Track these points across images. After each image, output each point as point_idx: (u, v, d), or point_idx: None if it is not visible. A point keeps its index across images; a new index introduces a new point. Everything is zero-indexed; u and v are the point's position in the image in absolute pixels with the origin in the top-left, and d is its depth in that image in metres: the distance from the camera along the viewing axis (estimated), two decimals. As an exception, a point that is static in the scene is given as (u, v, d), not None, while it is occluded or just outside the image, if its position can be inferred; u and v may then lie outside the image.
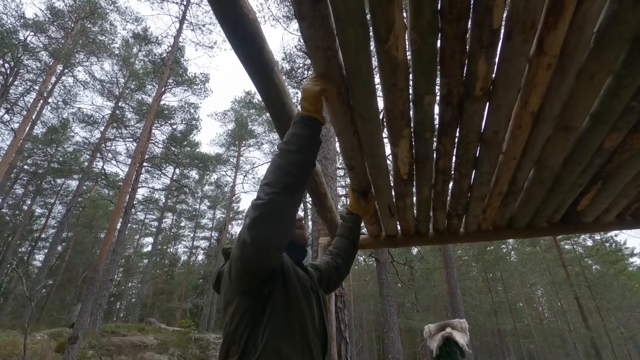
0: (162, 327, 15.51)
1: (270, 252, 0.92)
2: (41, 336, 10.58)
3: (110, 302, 22.83)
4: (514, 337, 22.01)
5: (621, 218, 2.03)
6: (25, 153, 18.31)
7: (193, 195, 25.09)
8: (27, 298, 7.46)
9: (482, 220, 1.92)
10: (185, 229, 29.47)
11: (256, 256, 0.90)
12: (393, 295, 9.34)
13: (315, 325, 1.04)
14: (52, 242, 17.61)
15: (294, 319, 0.96)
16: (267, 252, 0.91)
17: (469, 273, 24.43)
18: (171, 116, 17.47)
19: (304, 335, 0.96)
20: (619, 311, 19.26)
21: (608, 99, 1.06)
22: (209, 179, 26.39)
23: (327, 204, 1.73)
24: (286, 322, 0.94)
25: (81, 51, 16.00)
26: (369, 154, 1.33)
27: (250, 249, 0.88)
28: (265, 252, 0.91)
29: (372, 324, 27.04)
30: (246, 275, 0.93)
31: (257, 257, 0.91)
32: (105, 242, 10.02)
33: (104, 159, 16.46)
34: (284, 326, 0.93)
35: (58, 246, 18.65)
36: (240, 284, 0.95)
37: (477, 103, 1.05)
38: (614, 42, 0.86)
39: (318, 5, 0.76)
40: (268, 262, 0.95)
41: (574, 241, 22.14)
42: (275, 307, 0.95)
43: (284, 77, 10.29)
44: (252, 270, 0.93)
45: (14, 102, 14.75)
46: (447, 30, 0.82)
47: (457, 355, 2.13)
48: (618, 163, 1.41)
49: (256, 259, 0.91)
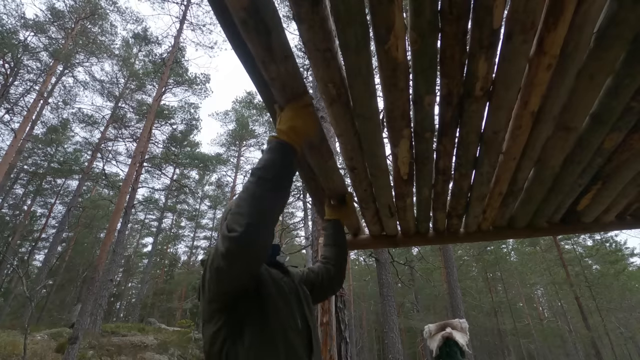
0: (162, 327, 15.52)
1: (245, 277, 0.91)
2: (41, 336, 10.59)
3: (110, 302, 22.82)
4: (514, 337, 22.00)
5: (621, 218, 2.03)
6: (25, 153, 18.32)
7: (193, 195, 25.11)
8: (27, 298, 7.47)
9: (482, 220, 1.92)
10: (186, 229, 29.53)
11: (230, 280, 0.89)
12: (393, 295, 9.34)
13: (297, 324, 1.01)
14: (52, 242, 17.62)
15: (274, 325, 0.94)
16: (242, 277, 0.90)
17: (469, 273, 24.44)
18: (171, 116, 17.48)
19: (286, 338, 0.94)
20: (619, 311, 19.27)
21: (608, 99, 1.06)
22: (209, 179, 26.43)
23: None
24: (266, 331, 0.92)
25: (81, 51, 16.02)
26: (369, 155, 1.33)
27: (224, 274, 0.87)
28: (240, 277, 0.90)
29: (372, 324, 27.06)
30: (220, 296, 0.92)
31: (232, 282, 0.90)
32: (105, 242, 10.02)
33: (104, 159, 16.48)
34: (264, 335, 0.91)
35: (58, 246, 18.65)
36: (214, 303, 0.93)
37: (477, 103, 1.05)
38: (614, 42, 0.86)
39: (317, 7, 0.76)
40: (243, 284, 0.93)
41: (574, 241, 22.15)
42: (252, 319, 0.92)
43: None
44: (226, 291, 0.91)
45: (14, 102, 14.76)
46: (447, 31, 0.82)
47: (457, 355, 2.14)
48: (618, 163, 1.41)
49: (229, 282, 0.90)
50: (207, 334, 0.93)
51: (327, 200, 1.59)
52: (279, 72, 0.87)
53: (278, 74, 0.88)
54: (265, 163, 0.91)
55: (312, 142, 1.16)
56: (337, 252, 1.47)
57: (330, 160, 1.29)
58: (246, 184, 0.90)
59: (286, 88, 0.93)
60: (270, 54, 0.81)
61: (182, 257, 29.71)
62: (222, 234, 0.85)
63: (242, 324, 0.91)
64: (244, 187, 0.91)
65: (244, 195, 0.88)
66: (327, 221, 1.57)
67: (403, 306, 23.22)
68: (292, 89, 0.94)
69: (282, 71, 0.86)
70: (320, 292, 1.35)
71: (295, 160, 0.97)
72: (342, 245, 1.51)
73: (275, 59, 0.82)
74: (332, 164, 1.31)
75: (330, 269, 1.41)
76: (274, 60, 0.83)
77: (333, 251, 1.47)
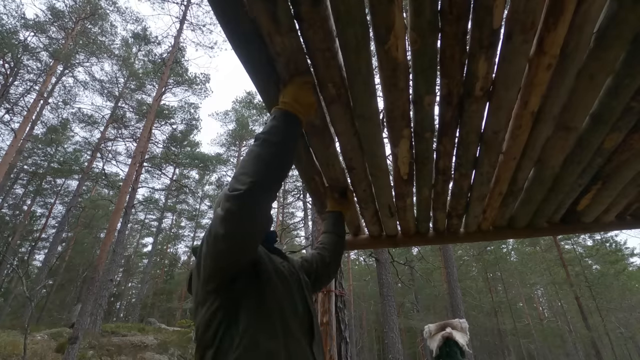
0: (162, 327, 15.53)
1: (244, 248, 0.86)
2: (41, 336, 10.59)
3: (110, 302, 22.81)
4: (514, 337, 22.00)
5: (621, 218, 2.03)
6: (25, 153, 18.33)
7: (193, 195, 25.11)
8: (27, 298, 7.47)
9: (482, 220, 1.92)
10: (186, 229, 29.51)
11: (229, 252, 0.84)
12: (393, 295, 9.34)
13: (297, 309, 0.98)
14: (52, 242, 17.63)
15: (271, 307, 0.90)
16: (241, 248, 0.85)
17: (469, 273, 24.44)
18: (171, 116, 17.49)
19: (284, 321, 0.90)
20: (619, 311, 19.26)
21: (608, 99, 1.06)
22: (209, 179, 26.43)
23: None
24: (262, 312, 0.87)
25: (81, 52, 16.01)
26: (369, 155, 1.33)
27: (222, 244, 0.82)
28: (239, 248, 0.85)
29: (372, 324, 27.05)
30: (217, 272, 0.86)
31: (229, 253, 0.84)
32: (105, 242, 10.03)
33: (104, 159, 16.48)
34: (261, 317, 0.86)
35: (58, 246, 18.66)
36: (210, 282, 0.87)
37: (477, 103, 1.05)
38: (614, 42, 0.86)
39: (317, 7, 0.76)
40: (242, 258, 0.88)
41: (574, 241, 22.15)
42: (249, 300, 0.88)
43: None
44: (223, 266, 0.86)
45: (14, 102, 14.77)
46: (447, 31, 0.82)
47: (457, 355, 2.14)
48: (618, 163, 1.41)
49: (229, 255, 0.84)
50: (201, 319, 0.87)
51: (329, 193, 1.59)
52: (284, 45, 0.84)
53: (283, 48, 0.85)
54: (270, 129, 0.90)
55: (314, 124, 1.14)
56: (335, 239, 1.48)
57: (331, 147, 1.27)
58: (250, 148, 0.88)
59: (290, 64, 0.91)
60: (277, 24, 0.79)
61: (182, 257, 29.71)
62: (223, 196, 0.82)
63: (238, 305, 0.86)
64: (247, 151, 0.89)
65: (247, 158, 0.86)
66: (328, 212, 1.58)
67: (403, 306, 23.22)
68: (296, 64, 0.92)
69: (287, 45, 0.84)
70: (316, 281, 1.33)
71: (299, 131, 0.95)
72: (341, 235, 1.52)
73: (280, 30, 0.80)
74: (333, 150, 1.29)
75: (326, 256, 1.39)
76: (280, 31, 0.80)
77: (331, 238, 1.47)
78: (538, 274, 22.77)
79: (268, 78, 0.97)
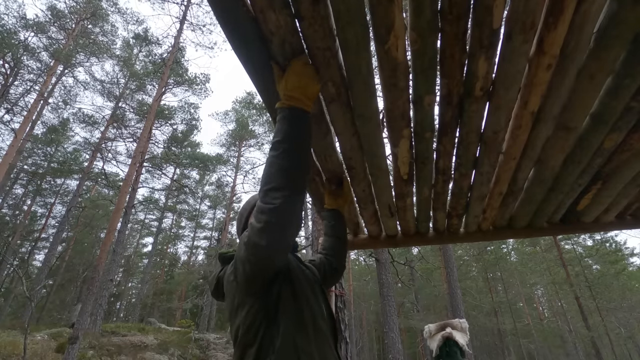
0: (162, 327, 15.52)
1: (281, 255, 0.94)
2: (41, 336, 10.59)
3: (110, 302, 22.82)
4: (514, 337, 22.00)
5: (621, 218, 2.03)
6: (25, 153, 18.33)
7: (193, 195, 25.09)
8: (27, 298, 7.47)
9: (482, 220, 1.92)
10: (186, 229, 29.50)
11: (269, 259, 0.91)
12: (393, 295, 9.34)
13: (324, 313, 1.07)
14: (52, 242, 17.61)
15: (305, 312, 0.98)
16: (278, 255, 0.93)
17: (469, 273, 24.43)
18: (171, 116, 17.48)
19: (316, 325, 0.98)
20: (619, 311, 19.26)
21: (608, 99, 1.06)
22: (210, 179, 26.41)
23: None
24: (298, 316, 0.96)
25: (82, 52, 16.02)
26: (368, 154, 1.33)
27: (263, 252, 0.89)
28: (277, 255, 0.92)
29: (372, 324, 27.05)
30: (257, 277, 0.94)
31: (269, 260, 0.92)
32: (105, 242, 10.02)
33: (104, 159, 16.47)
34: (297, 320, 0.95)
35: (58, 246, 18.64)
36: (250, 286, 0.95)
37: (477, 103, 1.05)
38: (614, 42, 0.86)
39: (317, 5, 0.76)
40: (278, 263, 0.96)
41: (574, 241, 22.15)
42: (286, 303, 0.96)
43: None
44: (262, 271, 0.93)
45: (15, 102, 14.77)
46: (447, 30, 0.82)
47: (457, 355, 2.14)
48: (618, 163, 1.41)
49: (268, 261, 0.92)
50: (241, 320, 0.94)
51: (326, 186, 1.56)
52: (278, 23, 0.80)
53: (277, 26, 0.81)
54: (284, 136, 0.91)
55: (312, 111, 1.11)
56: (337, 243, 1.47)
57: (328, 136, 1.24)
58: (271, 159, 0.90)
59: (285, 45, 0.87)
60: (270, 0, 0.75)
61: (182, 257, 29.73)
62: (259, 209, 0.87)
63: (276, 308, 0.94)
64: (269, 162, 0.90)
65: (272, 170, 0.89)
66: (327, 211, 1.54)
67: (403, 306, 23.20)
68: (292, 46, 0.87)
69: (281, 23, 0.80)
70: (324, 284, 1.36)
71: (310, 122, 0.96)
72: (342, 237, 1.51)
73: (274, 4, 0.76)
74: (330, 140, 1.27)
75: (332, 261, 1.42)
76: (273, 6, 0.76)
77: (332, 242, 1.48)
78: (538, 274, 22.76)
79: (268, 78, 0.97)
